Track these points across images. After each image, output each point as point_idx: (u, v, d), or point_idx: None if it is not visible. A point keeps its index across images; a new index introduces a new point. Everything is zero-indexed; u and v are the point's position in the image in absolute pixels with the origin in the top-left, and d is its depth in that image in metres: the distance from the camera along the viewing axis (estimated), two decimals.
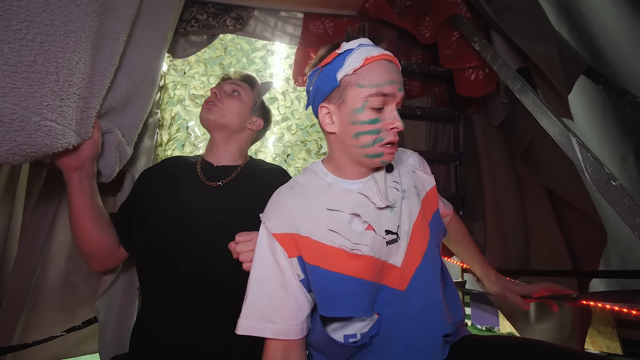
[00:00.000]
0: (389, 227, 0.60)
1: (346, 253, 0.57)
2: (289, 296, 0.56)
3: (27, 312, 0.88)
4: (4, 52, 0.49)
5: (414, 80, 1.54)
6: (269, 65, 2.37)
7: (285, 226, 0.59)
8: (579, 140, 0.58)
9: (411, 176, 0.69)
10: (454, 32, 1.14)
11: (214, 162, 0.88)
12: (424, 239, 0.63)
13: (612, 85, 1.14)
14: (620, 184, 0.50)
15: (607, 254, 1.50)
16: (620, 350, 1.73)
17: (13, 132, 0.51)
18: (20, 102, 0.51)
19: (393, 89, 0.58)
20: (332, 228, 0.58)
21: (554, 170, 1.12)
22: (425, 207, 0.66)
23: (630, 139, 1.44)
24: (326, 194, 0.61)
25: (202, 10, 1.20)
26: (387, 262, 0.60)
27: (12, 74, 0.50)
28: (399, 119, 0.58)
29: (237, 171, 0.86)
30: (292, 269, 0.58)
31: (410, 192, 0.65)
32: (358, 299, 0.56)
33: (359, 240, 0.58)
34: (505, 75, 0.81)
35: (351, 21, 1.35)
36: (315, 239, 0.57)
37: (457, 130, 1.52)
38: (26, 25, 0.51)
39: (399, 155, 0.73)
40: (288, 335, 0.55)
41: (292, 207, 0.60)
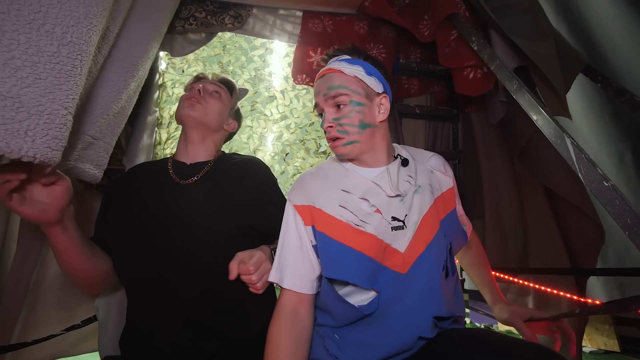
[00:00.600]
0: (396, 214, 0.67)
1: (352, 228, 0.65)
2: (304, 257, 0.67)
3: (27, 311, 0.88)
4: (20, 42, 0.49)
5: (412, 79, 1.54)
6: (267, 63, 2.36)
7: (303, 199, 0.69)
8: (573, 141, 0.59)
9: (428, 175, 0.74)
10: (452, 30, 1.13)
11: (186, 160, 0.86)
12: (430, 231, 0.68)
13: (610, 83, 1.14)
14: (612, 184, 0.51)
15: (605, 251, 1.51)
16: (618, 347, 1.74)
17: (44, 125, 0.51)
18: (47, 94, 0.51)
19: (319, 99, 0.71)
20: (343, 205, 0.67)
21: (552, 169, 1.13)
22: (439, 205, 0.72)
23: (628, 137, 1.44)
24: (342, 178, 0.70)
25: (200, 8, 1.20)
26: (391, 245, 0.65)
27: (35, 64, 0.50)
28: (328, 120, 0.69)
29: (209, 165, 0.85)
30: (307, 235, 0.68)
31: (425, 189, 0.71)
32: (357, 269, 0.63)
33: (365, 219, 0.65)
34: (502, 76, 0.81)
35: (350, 19, 1.35)
36: (327, 211, 0.67)
37: (456, 129, 1.52)
38: (42, 15, 0.51)
39: (420, 155, 0.79)
40: (300, 289, 0.66)
41: (312, 185, 0.70)
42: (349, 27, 1.34)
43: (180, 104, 0.85)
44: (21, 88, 0.49)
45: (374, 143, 0.70)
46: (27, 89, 0.49)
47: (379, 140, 0.71)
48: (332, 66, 0.70)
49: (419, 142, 1.55)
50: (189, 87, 0.90)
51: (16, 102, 0.48)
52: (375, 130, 0.70)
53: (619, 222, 0.48)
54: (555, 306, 1.20)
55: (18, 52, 0.49)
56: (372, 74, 0.70)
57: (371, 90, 0.70)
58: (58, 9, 0.53)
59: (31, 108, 0.50)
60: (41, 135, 0.51)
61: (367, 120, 0.68)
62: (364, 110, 0.68)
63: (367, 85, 0.69)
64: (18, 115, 0.49)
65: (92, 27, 0.58)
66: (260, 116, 2.32)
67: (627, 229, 0.48)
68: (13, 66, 0.48)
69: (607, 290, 1.56)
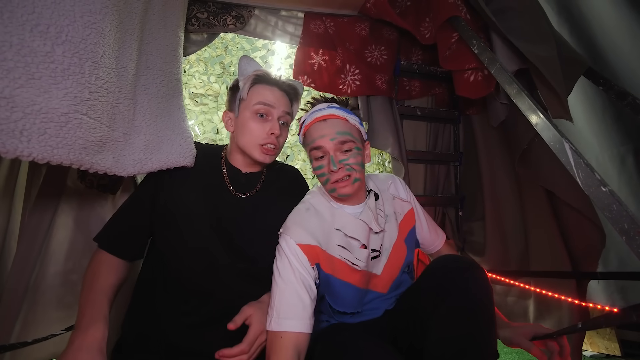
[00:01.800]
0: (375, 246, 0.79)
1: (348, 266, 0.75)
2: (310, 297, 0.68)
3: (27, 310, 0.88)
4: (13, 43, 0.49)
5: (414, 81, 1.54)
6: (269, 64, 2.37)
7: (308, 238, 0.72)
8: (571, 146, 0.59)
9: (391, 203, 0.85)
10: (453, 33, 1.14)
11: (242, 167, 0.83)
12: (401, 255, 0.82)
13: (612, 86, 1.14)
14: (610, 189, 0.51)
15: (606, 255, 1.50)
16: (619, 351, 1.73)
17: (40, 124, 0.51)
18: (42, 94, 0.51)
19: (324, 142, 0.75)
20: (340, 244, 0.75)
21: (553, 172, 1.12)
22: (402, 229, 0.84)
23: (630, 141, 1.44)
24: (333, 217, 0.77)
25: (202, 8, 1.20)
26: (371, 272, 0.79)
27: (27, 65, 0.50)
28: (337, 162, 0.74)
29: (263, 176, 0.85)
30: (310, 274, 0.70)
31: (391, 217, 0.83)
32: (352, 300, 0.78)
33: (357, 255, 0.75)
34: (502, 79, 0.81)
35: (352, 21, 1.35)
36: (329, 252, 0.74)
37: (457, 131, 1.52)
38: (35, 16, 0.51)
39: (382, 184, 0.88)
40: (305, 329, 0.65)
41: (311, 223, 0.74)
42: (350, 29, 1.35)
43: (252, 148, 0.78)
44: (14, 89, 0.49)
45: (363, 182, 0.80)
46: (20, 89, 0.49)
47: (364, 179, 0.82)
48: (336, 113, 0.77)
49: (420, 144, 1.55)
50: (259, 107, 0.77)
51: (10, 102, 0.48)
52: (364, 170, 0.80)
53: (616, 228, 0.49)
54: (555, 310, 1.19)
55: (10, 54, 0.49)
56: (361, 123, 0.82)
57: (362, 137, 0.82)
58: (52, 9, 0.53)
59: (26, 108, 0.50)
60: (37, 135, 0.51)
61: (364, 161, 0.79)
62: (361, 153, 0.79)
63: (361, 133, 0.81)
64: (13, 115, 0.49)
65: (90, 25, 0.58)
66: None
67: (624, 234, 0.48)
68: (5, 67, 0.48)
69: (608, 293, 1.55)
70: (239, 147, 0.80)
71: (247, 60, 0.83)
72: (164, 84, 0.84)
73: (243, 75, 0.81)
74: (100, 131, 0.61)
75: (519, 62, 1.07)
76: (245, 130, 0.78)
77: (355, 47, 1.34)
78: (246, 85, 0.79)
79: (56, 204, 0.94)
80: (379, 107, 1.35)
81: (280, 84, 0.82)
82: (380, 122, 1.33)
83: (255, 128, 0.77)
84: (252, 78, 0.79)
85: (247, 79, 0.79)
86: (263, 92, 0.79)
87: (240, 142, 0.79)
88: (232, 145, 0.84)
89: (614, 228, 0.49)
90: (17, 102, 0.49)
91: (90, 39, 0.58)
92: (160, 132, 0.79)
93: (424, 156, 1.49)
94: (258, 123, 0.77)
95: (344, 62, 1.33)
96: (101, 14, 0.60)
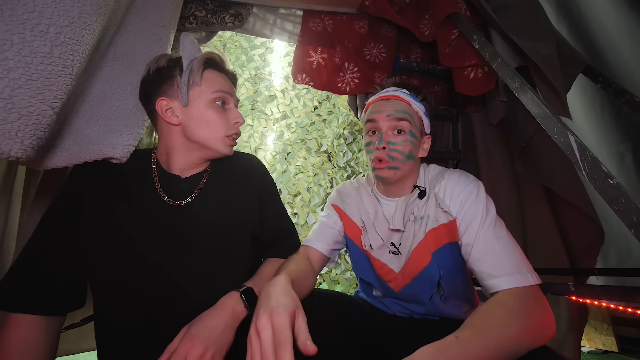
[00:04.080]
0: (395, 241, 0.76)
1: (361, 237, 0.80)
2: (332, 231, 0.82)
3: None
4: (14, 42, 0.48)
5: (412, 78, 1.53)
6: (268, 62, 2.36)
7: (337, 201, 0.85)
8: (577, 139, 0.59)
9: (432, 206, 0.73)
10: (453, 30, 1.13)
11: (181, 172, 0.70)
12: (421, 263, 0.72)
13: (610, 84, 1.14)
14: (617, 182, 0.50)
15: (605, 251, 1.51)
16: (616, 347, 1.74)
17: (32, 126, 0.51)
18: (37, 95, 0.51)
19: (379, 117, 0.75)
20: (362, 218, 0.81)
21: (552, 169, 1.13)
22: (431, 238, 0.71)
23: (628, 138, 1.45)
24: (367, 198, 0.82)
25: (200, 7, 1.20)
26: (388, 265, 0.76)
27: (27, 65, 0.49)
28: (384, 141, 0.73)
29: (206, 175, 0.72)
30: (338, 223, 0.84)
31: (423, 220, 0.73)
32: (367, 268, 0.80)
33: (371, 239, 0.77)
34: (504, 74, 0.81)
35: (351, 19, 1.35)
36: (352, 218, 0.82)
37: (455, 129, 1.52)
38: (36, 15, 0.50)
39: (435, 181, 0.75)
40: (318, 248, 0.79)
41: (346, 193, 0.85)
42: (349, 27, 1.34)
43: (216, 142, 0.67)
44: (13, 89, 0.48)
45: (407, 175, 0.76)
46: (19, 90, 0.49)
47: (412, 172, 0.77)
48: (401, 95, 0.75)
49: None
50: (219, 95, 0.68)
51: (8, 103, 0.48)
52: (414, 163, 0.76)
53: (625, 220, 0.48)
54: (553, 306, 1.20)
55: (11, 53, 0.48)
56: (427, 115, 0.79)
57: (423, 129, 0.78)
58: (52, 8, 0.52)
59: (22, 109, 0.49)
60: (29, 137, 0.51)
61: (414, 153, 0.75)
62: (415, 143, 0.74)
63: (423, 124, 0.77)
64: (10, 116, 0.48)
65: (86, 27, 0.57)
66: (261, 115, 2.32)
67: (633, 227, 0.47)
68: (6, 67, 0.48)
69: None
70: (195, 141, 0.67)
71: (190, 39, 0.69)
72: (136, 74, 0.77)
73: (189, 56, 0.67)
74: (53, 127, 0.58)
75: (518, 59, 1.07)
76: (203, 121, 0.66)
77: (354, 45, 1.34)
78: (198, 69, 0.66)
79: None
80: None
81: (229, 72, 0.74)
82: None
83: (217, 118, 0.67)
84: (204, 60, 0.67)
85: (199, 62, 0.66)
86: (218, 78, 0.69)
87: (198, 136, 0.66)
88: (173, 143, 0.68)
89: (622, 221, 0.48)
90: (15, 103, 0.49)
91: (84, 40, 0.57)
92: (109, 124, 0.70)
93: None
94: (219, 112, 0.67)
95: (342, 60, 1.33)
96: (95, 15, 0.60)
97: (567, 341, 1.15)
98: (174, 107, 0.66)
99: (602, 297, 0.65)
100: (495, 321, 0.50)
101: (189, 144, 0.68)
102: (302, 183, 2.27)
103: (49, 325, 0.57)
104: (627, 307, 1.11)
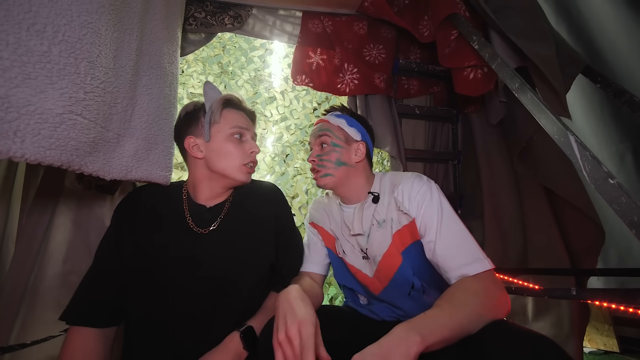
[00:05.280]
0: (362, 246, 0.81)
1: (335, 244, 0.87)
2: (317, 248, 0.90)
3: (25, 312, 0.87)
4: (9, 42, 0.48)
5: (412, 79, 1.54)
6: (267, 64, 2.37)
7: (313, 218, 0.94)
8: (577, 139, 0.59)
9: (393, 209, 0.78)
10: (452, 30, 1.14)
11: (207, 202, 0.79)
12: (394, 265, 0.76)
13: (610, 84, 1.14)
14: (617, 182, 0.50)
15: (606, 252, 1.51)
16: (617, 347, 1.74)
17: (35, 125, 0.50)
18: (37, 94, 0.51)
19: (311, 139, 0.89)
20: (332, 227, 0.88)
21: (552, 169, 1.13)
22: (397, 239, 0.76)
23: (628, 138, 1.45)
24: (334, 207, 0.89)
25: (200, 8, 1.20)
26: (361, 271, 0.82)
27: (24, 64, 0.50)
28: (312, 155, 0.86)
29: (227, 205, 0.80)
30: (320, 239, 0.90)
31: (387, 224, 0.78)
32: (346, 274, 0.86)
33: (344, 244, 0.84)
34: (504, 74, 0.81)
35: (350, 20, 1.35)
36: (325, 229, 0.89)
37: (455, 130, 1.52)
38: (32, 15, 0.51)
39: (393, 186, 0.80)
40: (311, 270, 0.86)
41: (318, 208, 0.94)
42: (348, 28, 1.34)
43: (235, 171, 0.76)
44: (10, 88, 0.48)
45: (349, 180, 0.83)
46: (16, 89, 0.49)
47: (355, 178, 0.83)
48: (322, 117, 0.90)
49: (419, 143, 1.55)
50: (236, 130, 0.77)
51: (5, 102, 0.48)
52: (350, 169, 0.83)
53: (625, 220, 0.47)
54: (554, 307, 1.19)
55: (7, 53, 0.48)
56: (352, 125, 0.86)
57: (350, 137, 0.85)
58: (49, 8, 0.52)
59: (21, 108, 0.49)
60: (32, 135, 0.50)
61: (343, 159, 0.82)
62: (341, 151, 0.83)
63: (347, 133, 0.85)
64: (7, 116, 0.48)
65: (86, 25, 0.57)
66: (260, 117, 2.32)
67: (634, 227, 0.47)
68: (1, 67, 0.48)
69: None
70: (216, 172, 0.76)
71: (211, 86, 0.81)
72: (167, 84, 0.83)
73: (210, 99, 0.78)
74: (94, 132, 0.61)
75: (517, 60, 1.07)
76: (222, 153, 0.76)
77: (353, 46, 1.34)
78: (218, 109, 0.77)
79: (54, 205, 0.94)
80: (378, 106, 1.35)
81: (246, 109, 0.83)
82: (379, 121, 1.33)
83: (234, 150, 0.76)
84: (223, 101, 0.78)
85: (218, 103, 0.77)
86: (236, 115, 0.79)
87: (218, 167, 0.76)
88: (198, 175, 0.78)
89: (622, 221, 0.48)
90: (12, 103, 0.49)
91: (86, 39, 0.57)
92: (152, 138, 0.77)
93: (423, 155, 1.49)
94: (236, 144, 0.77)
95: (342, 61, 1.33)
96: (97, 14, 0.60)
97: (569, 342, 1.15)
98: (199, 144, 0.77)
99: (603, 300, 0.65)
100: (457, 300, 0.58)
101: (212, 175, 0.77)
102: (301, 185, 2.27)
103: (102, 335, 0.71)
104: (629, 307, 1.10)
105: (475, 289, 0.60)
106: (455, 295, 0.59)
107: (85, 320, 0.70)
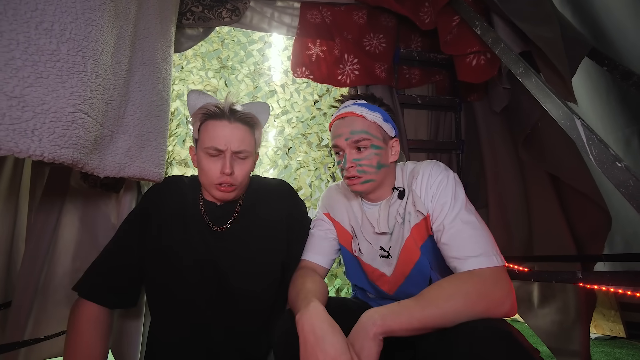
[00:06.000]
0: (383, 245, 0.77)
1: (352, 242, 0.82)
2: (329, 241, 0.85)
3: (37, 309, 0.89)
4: (19, 41, 0.49)
5: (413, 69, 1.51)
6: (267, 57, 2.35)
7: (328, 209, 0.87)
8: (583, 122, 0.58)
9: (411, 202, 0.75)
10: (454, 16, 1.11)
11: (216, 200, 0.80)
12: (411, 260, 0.74)
13: (617, 66, 1.12)
14: (625, 165, 0.49)
15: (612, 237, 1.50)
16: (624, 332, 1.74)
17: (50, 123, 0.51)
18: (50, 92, 0.51)
19: (340, 142, 0.76)
20: (352, 224, 0.83)
21: (557, 155, 1.11)
22: (415, 233, 0.74)
23: (635, 122, 1.42)
24: (354, 202, 0.84)
25: (197, 2, 1.18)
26: (379, 270, 0.78)
27: (35, 63, 0.50)
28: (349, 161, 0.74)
29: (239, 205, 0.82)
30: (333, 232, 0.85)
31: (408, 218, 0.75)
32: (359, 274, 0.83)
33: (362, 243, 0.80)
34: (508, 59, 0.80)
35: (349, 9, 1.33)
36: (342, 225, 0.84)
37: (458, 119, 1.50)
38: (39, 13, 0.51)
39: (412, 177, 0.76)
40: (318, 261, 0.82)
41: (335, 199, 0.87)
42: (347, 17, 1.32)
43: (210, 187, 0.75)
44: (24, 88, 0.49)
45: (383, 181, 0.77)
46: (29, 88, 0.49)
47: (387, 177, 0.78)
48: (354, 110, 0.76)
49: (421, 133, 1.54)
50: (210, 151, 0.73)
51: (21, 101, 0.48)
52: (387, 169, 0.77)
53: (634, 204, 0.47)
54: (560, 293, 1.19)
55: (18, 52, 0.48)
56: (387, 120, 0.78)
57: (387, 135, 0.77)
58: (55, 5, 0.52)
59: (36, 107, 0.50)
60: (48, 134, 0.51)
61: (383, 162, 0.75)
62: (381, 153, 0.75)
63: (384, 131, 0.77)
64: (24, 115, 0.49)
65: (91, 22, 0.57)
66: None
67: None
68: (14, 66, 0.48)
69: None
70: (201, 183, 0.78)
71: (196, 94, 0.78)
72: (161, 80, 0.83)
73: (191, 112, 0.77)
74: (96, 130, 0.61)
75: (521, 44, 1.05)
76: (200, 168, 0.75)
77: (353, 36, 1.32)
78: (195, 124, 0.75)
79: (61, 204, 0.95)
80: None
81: (232, 116, 0.74)
82: None
83: (208, 168, 0.73)
84: (200, 116, 0.74)
85: (195, 117, 0.74)
86: (213, 130, 0.73)
87: (200, 179, 0.77)
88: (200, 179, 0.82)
89: (630, 204, 0.47)
90: (28, 102, 0.49)
91: (91, 36, 0.57)
92: (144, 135, 0.78)
93: (426, 145, 1.47)
94: (210, 162, 0.73)
95: (342, 52, 1.31)
96: (100, 10, 0.60)
97: (575, 328, 1.15)
98: (196, 154, 0.79)
99: (610, 284, 0.65)
100: (441, 293, 0.56)
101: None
102: (304, 178, 2.26)
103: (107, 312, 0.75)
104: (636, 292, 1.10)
105: (468, 285, 0.56)
106: (441, 287, 0.57)
107: (98, 298, 0.73)
